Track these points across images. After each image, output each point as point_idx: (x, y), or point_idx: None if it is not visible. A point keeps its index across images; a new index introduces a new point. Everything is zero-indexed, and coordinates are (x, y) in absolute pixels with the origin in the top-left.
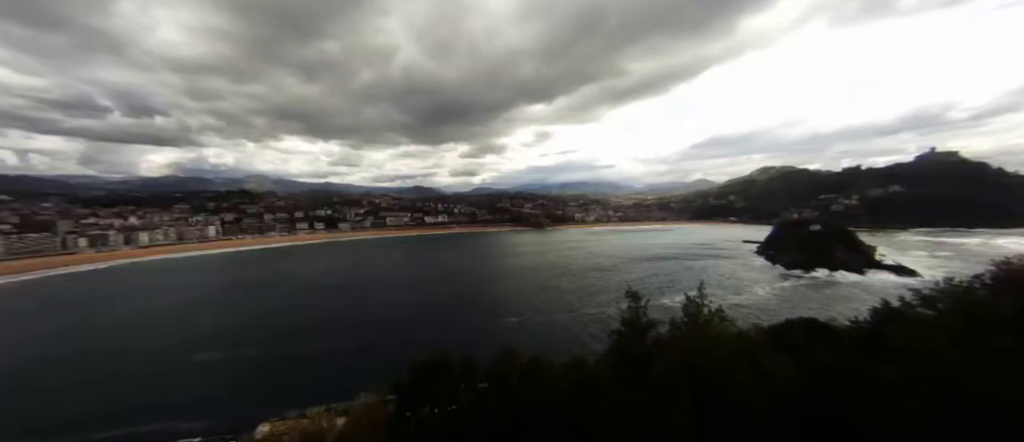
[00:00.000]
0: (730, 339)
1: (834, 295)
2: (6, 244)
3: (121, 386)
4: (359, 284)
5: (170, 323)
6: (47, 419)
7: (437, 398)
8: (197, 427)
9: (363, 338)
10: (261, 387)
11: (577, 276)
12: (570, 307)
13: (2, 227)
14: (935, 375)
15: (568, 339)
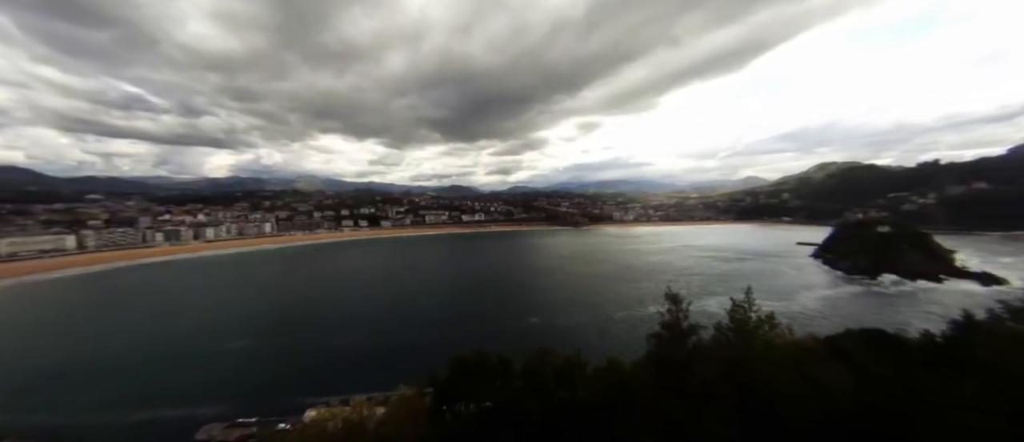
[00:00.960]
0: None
1: (903, 304)
2: (98, 237)
3: (193, 368)
4: (399, 279)
5: (233, 312)
6: (112, 395)
7: (472, 394)
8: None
9: (402, 331)
10: (309, 375)
11: (610, 277)
12: (601, 307)
13: (94, 223)
14: (1020, 395)
15: (601, 340)
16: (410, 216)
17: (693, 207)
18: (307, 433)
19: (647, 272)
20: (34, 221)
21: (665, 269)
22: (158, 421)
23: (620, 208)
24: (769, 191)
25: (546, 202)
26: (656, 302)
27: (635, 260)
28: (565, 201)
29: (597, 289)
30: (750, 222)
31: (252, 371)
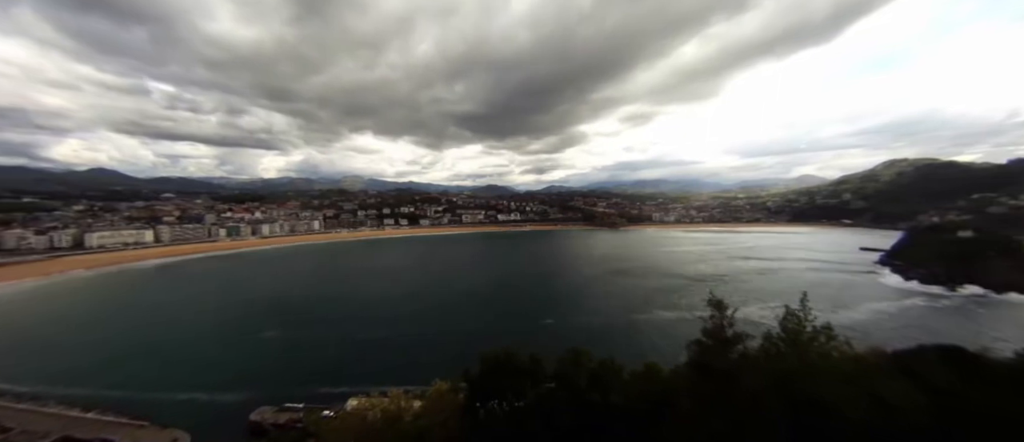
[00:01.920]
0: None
1: (988, 319)
2: (171, 232)
3: (249, 353)
4: (436, 276)
5: (286, 303)
6: (180, 374)
7: (504, 392)
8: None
9: (438, 326)
10: (351, 365)
11: (644, 279)
12: (634, 310)
13: (168, 219)
14: None
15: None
16: (447, 215)
17: (740, 208)
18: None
19: (685, 275)
20: (119, 217)
21: (706, 273)
22: (218, 400)
23: (660, 209)
24: (828, 191)
25: (582, 202)
26: (695, 307)
27: (672, 262)
28: (602, 201)
29: (630, 291)
30: (805, 225)
31: (300, 359)
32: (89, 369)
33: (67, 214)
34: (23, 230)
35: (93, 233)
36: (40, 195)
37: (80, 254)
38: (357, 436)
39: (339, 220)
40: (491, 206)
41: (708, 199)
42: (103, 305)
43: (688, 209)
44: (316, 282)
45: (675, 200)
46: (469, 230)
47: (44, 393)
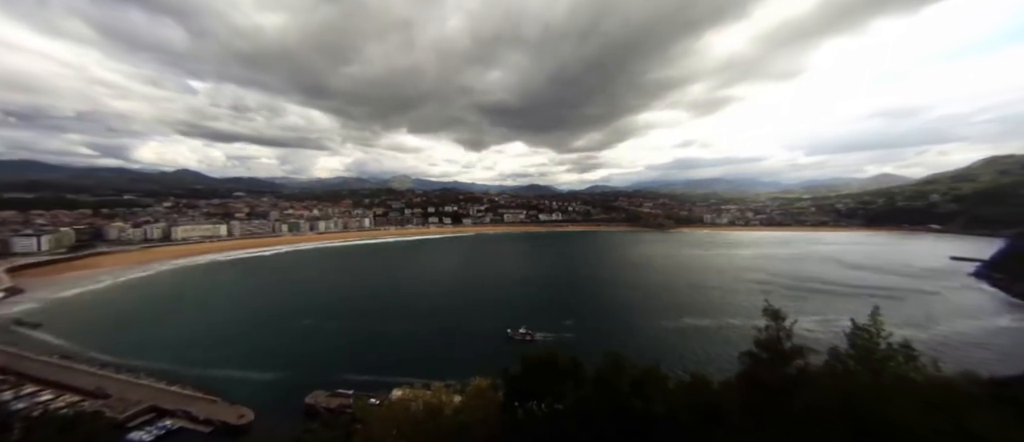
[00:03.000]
0: (920, 383)
1: None
2: (241, 227)
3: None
4: (477, 275)
5: (340, 296)
6: (247, 357)
7: (543, 393)
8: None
9: (479, 323)
10: (396, 356)
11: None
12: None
13: (239, 215)
14: None
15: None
16: (490, 214)
17: (804, 210)
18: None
19: (736, 282)
20: (199, 213)
21: (761, 280)
22: (277, 381)
23: (712, 210)
24: (911, 191)
25: (627, 202)
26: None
27: (722, 267)
28: (648, 201)
29: (674, 295)
30: (882, 229)
31: (351, 348)
32: (172, 348)
33: (158, 210)
34: (123, 224)
35: (178, 227)
36: (136, 193)
37: (167, 246)
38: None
39: (388, 218)
40: (532, 206)
41: (767, 200)
42: (184, 292)
43: (743, 211)
44: (366, 277)
45: (729, 201)
46: (510, 229)
47: (137, 366)
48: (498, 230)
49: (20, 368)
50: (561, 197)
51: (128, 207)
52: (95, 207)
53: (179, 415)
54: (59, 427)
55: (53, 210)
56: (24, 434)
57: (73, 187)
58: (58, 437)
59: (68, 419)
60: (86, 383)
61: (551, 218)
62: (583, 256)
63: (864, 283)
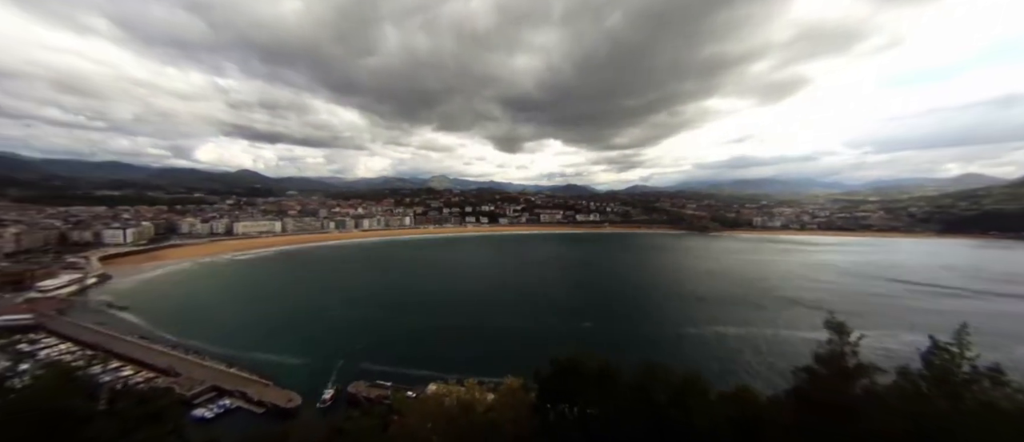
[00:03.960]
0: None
1: None
2: (293, 224)
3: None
4: (513, 274)
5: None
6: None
7: (575, 397)
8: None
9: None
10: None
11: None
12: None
13: (292, 212)
14: None
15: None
16: (526, 214)
17: (870, 213)
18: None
19: (785, 290)
20: (257, 210)
21: (817, 289)
22: (324, 369)
23: (762, 212)
24: (1003, 193)
25: (669, 203)
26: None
27: (771, 273)
28: (692, 202)
29: (715, 301)
30: (967, 236)
31: (391, 341)
32: (231, 332)
33: (222, 207)
34: (193, 219)
35: (239, 223)
36: (204, 191)
37: (230, 239)
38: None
39: (427, 217)
40: (569, 206)
41: (826, 201)
42: (242, 281)
43: (799, 213)
44: (406, 273)
45: (782, 202)
46: (546, 230)
47: (202, 348)
48: (534, 230)
49: (108, 345)
50: (599, 197)
51: (197, 204)
52: (170, 204)
53: (236, 395)
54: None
55: (136, 206)
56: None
57: (152, 186)
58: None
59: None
60: (160, 362)
61: (588, 219)
62: (619, 257)
63: (946, 290)
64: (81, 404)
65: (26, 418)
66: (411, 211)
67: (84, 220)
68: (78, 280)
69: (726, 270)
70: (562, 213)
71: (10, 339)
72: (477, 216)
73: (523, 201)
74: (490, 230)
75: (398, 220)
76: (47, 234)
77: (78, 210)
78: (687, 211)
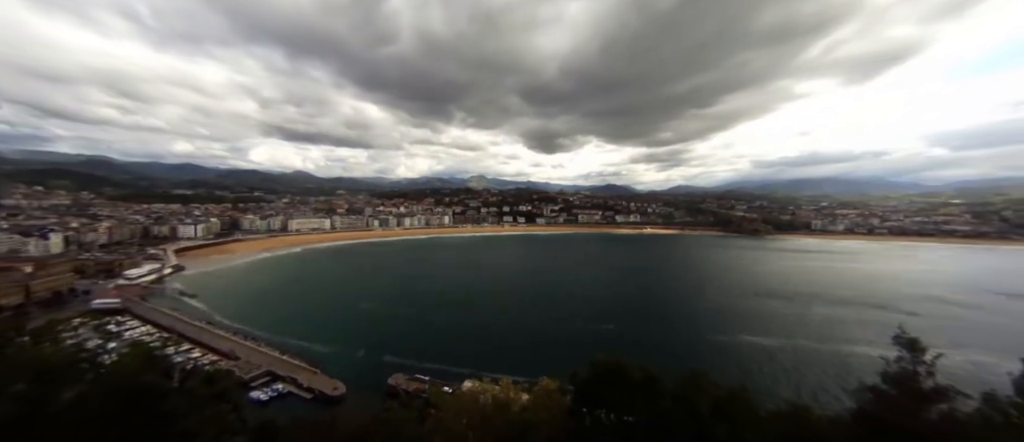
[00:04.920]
0: None
1: None
2: (341, 221)
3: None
4: (549, 275)
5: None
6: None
7: (613, 403)
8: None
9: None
10: (470, 348)
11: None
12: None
13: (339, 211)
14: None
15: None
16: (563, 215)
17: (954, 217)
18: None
19: (848, 300)
20: (309, 208)
21: (884, 300)
22: (367, 360)
23: (822, 214)
24: None
25: (717, 204)
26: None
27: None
28: (742, 204)
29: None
30: None
31: (429, 336)
32: (284, 321)
33: (278, 205)
34: (253, 216)
35: (293, 220)
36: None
37: (285, 235)
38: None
39: (465, 216)
40: (608, 206)
41: (899, 202)
42: (295, 274)
43: (866, 216)
44: (445, 271)
45: (847, 204)
46: (584, 231)
47: (258, 335)
48: (571, 231)
49: (180, 329)
50: (639, 198)
51: (257, 202)
52: (233, 202)
53: (288, 381)
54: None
55: (205, 204)
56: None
57: (219, 185)
58: (203, 388)
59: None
60: (222, 346)
61: (628, 220)
62: (660, 260)
63: None
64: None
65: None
66: (450, 210)
67: (163, 216)
68: (157, 270)
69: (775, 274)
70: (601, 214)
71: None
72: (514, 216)
73: (561, 201)
74: (527, 230)
75: (438, 219)
76: (133, 228)
77: (158, 207)
78: (736, 213)
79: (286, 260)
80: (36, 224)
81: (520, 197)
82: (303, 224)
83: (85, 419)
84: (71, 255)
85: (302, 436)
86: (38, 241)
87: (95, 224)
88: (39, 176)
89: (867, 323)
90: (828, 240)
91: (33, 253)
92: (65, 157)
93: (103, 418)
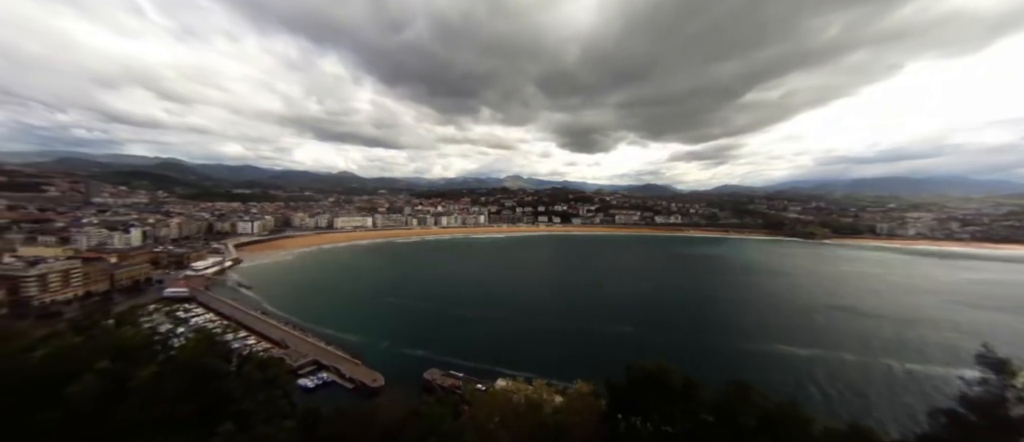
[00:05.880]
0: None
1: None
2: (382, 220)
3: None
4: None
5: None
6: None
7: (650, 410)
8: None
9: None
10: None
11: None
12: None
13: (380, 209)
14: None
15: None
16: (600, 215)
17: None
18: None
19: (925, 312)
20: (353, 207)
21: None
22: (404, 354)
23: (890, 217)
24: None
25: (766, 205)
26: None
27: (901, 288)
28: (795, 205)
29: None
30: None
31: (464, 334)
32: (329, 313)
33: (325, 204)
34: (303, 214)
35: (338, 218)
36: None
37: (331, 232)
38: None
39: (500, 215)
40: (647, 207)
41: (980, 204)
42: (339, 268)
43: (944, 219)
44: (480, 270)
45: (919, 205)
46: (621, 232)
47: (305, 326)
48: (607, 232)
49: (238, 317)
50: (681, 198)
51: (306, 201)
52: (285, 201)
53: (332, 370)
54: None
55: (261, 203)
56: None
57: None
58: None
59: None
60: (274, 334)
61: (668, 221)
62: (701, 263)
63: None
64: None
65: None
66: (485, 210)
67: (224, 214)
68: (219, 262)
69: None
70: (639, 214)
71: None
72: (549, 216)
73: (597, 201)
74: (562, 230)
75: (474, 218)
76: (199, 224)
77: (221, 205)
78: (788, 214)
79: (331, 255)
80: (120, 220)
81: (556, 197)
82: (347, 222)
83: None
84: (148, 248)
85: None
86: (122, 235)
87: (168, 220)
88: (123, 177)
89: (930, 342)
90: (897, 244)
91: (117, 245)
92: (144, 160)
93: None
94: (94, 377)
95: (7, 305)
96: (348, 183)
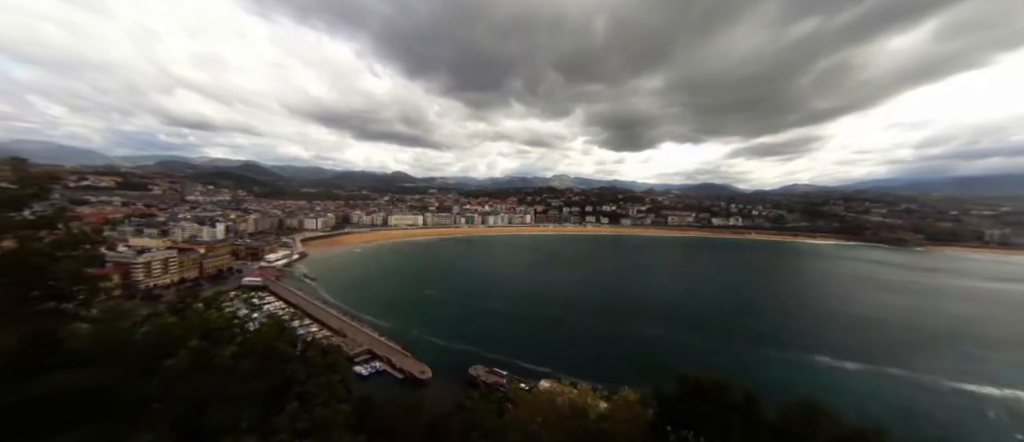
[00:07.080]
0: None
1: None
2: (433, 218)
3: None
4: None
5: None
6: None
7: (703, 424)
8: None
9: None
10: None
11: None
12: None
13: (433, 208)
14: None
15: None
16: (651, 216)
17: None
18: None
19: None
20: (405, 206)
21: None
22: (450, 349)
23: (1003, 222)
24: None
25: (844, 206)
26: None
27: None
28: (880, 206)
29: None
30: None
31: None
32: (382, 306)
33: (380, 202)
34: (361, 212)
35: (392, 216)
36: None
37: (386, 229)
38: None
39: (547, 215)
40: (704, 208)
41: None
42: (393, 263)
43: None
44: (524, 269)
45: None
46: (675, 233)
47: (361, 316)
48: (659, 233)
49: (303, 306)
50: (742, 198)
51: (363, 200)
52: (346, 199)
53: (384, 361)
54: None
55: (324, 201)
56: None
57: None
58: (319, 358)
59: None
60: (333, 323)
61: (727, 223)
62: (764, 270)
63: None
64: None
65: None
66: (532, 209)
67: (293, 211)
68: (288, 255)
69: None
70: (694, 216)
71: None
72: (597, 216)
73: (648, 201)
74: (610, 230)
75: (520, 217)
76: (272, 221)
77: (290, 203)
78: (871, 217)
79: (385, 250)
80: (207, 215)
81: (604, 197)
82: (400, 220)
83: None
84: (230, 241)
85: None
86: (209, 229)
87: (246, 217)
88: (210, 177)
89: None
90: (1012, 254)
91: (205, 238)
92: (227, 162)
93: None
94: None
95: (121, 287)
96: (401, 183)
